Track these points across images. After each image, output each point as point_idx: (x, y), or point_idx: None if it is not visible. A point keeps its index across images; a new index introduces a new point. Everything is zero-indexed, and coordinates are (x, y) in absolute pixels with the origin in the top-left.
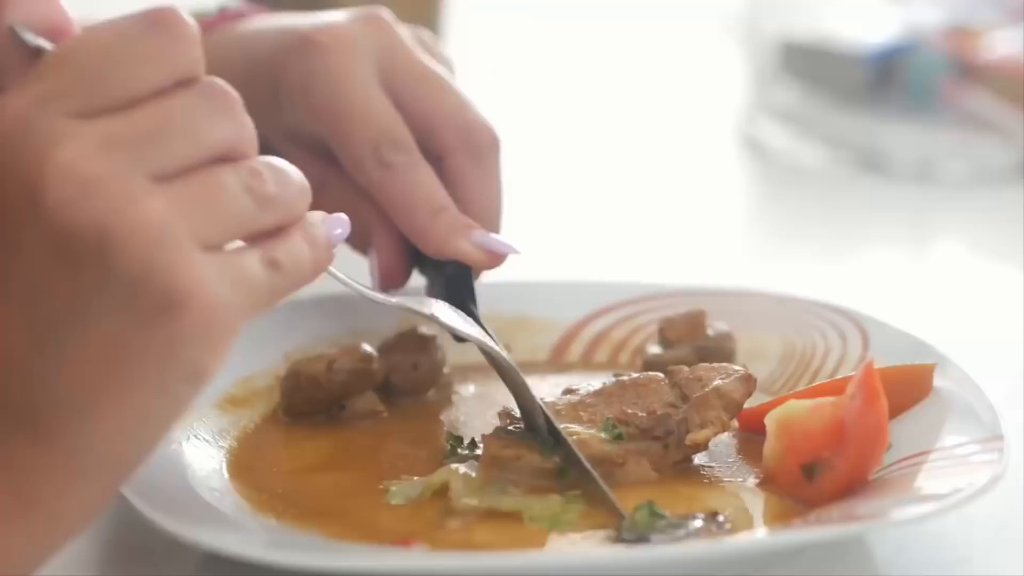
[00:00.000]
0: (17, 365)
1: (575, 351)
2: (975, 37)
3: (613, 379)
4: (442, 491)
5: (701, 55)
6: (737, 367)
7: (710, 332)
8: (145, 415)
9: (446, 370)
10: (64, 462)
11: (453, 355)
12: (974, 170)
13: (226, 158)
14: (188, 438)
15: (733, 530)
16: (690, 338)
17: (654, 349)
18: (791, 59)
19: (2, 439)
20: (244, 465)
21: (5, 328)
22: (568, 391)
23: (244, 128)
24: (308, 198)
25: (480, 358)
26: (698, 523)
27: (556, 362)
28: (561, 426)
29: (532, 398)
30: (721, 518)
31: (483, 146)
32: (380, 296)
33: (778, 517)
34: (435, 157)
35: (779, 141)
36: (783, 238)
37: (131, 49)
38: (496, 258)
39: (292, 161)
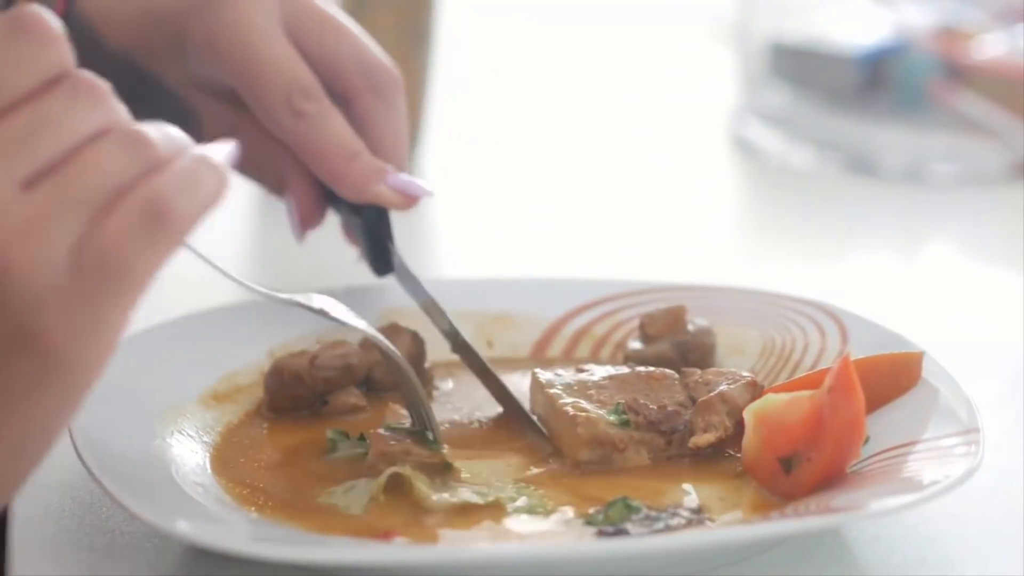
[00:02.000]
0: None
1: (556, 347)
2: (965, 39)
3: (627, 368)
4: (394, 487)
5: (691, 57)
6: (745, 373)
7: (690, 327)
8: (21, 447)
9: (427, 365)
10: None
11: (434, 351)
12: (964, 171)
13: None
14: (172, 433)
15: (710, 522)
16: (670, 333)
17: (635, 344)
18: (781, 61)
19: None
20: (228, 460)
21: None
22: (581, 369)
23: (116, 115)
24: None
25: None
26: (675, 515)
27: (538, 358)
28: (569, 400)
29: (417, 392)
30: (699, 510)
31: (387, 86)
32: (272, 294)
33: (756, 509)
34: (341, 100)
35: (769, 143)
36: (773, 240)
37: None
38: (412, 200)
39: (202, 109)
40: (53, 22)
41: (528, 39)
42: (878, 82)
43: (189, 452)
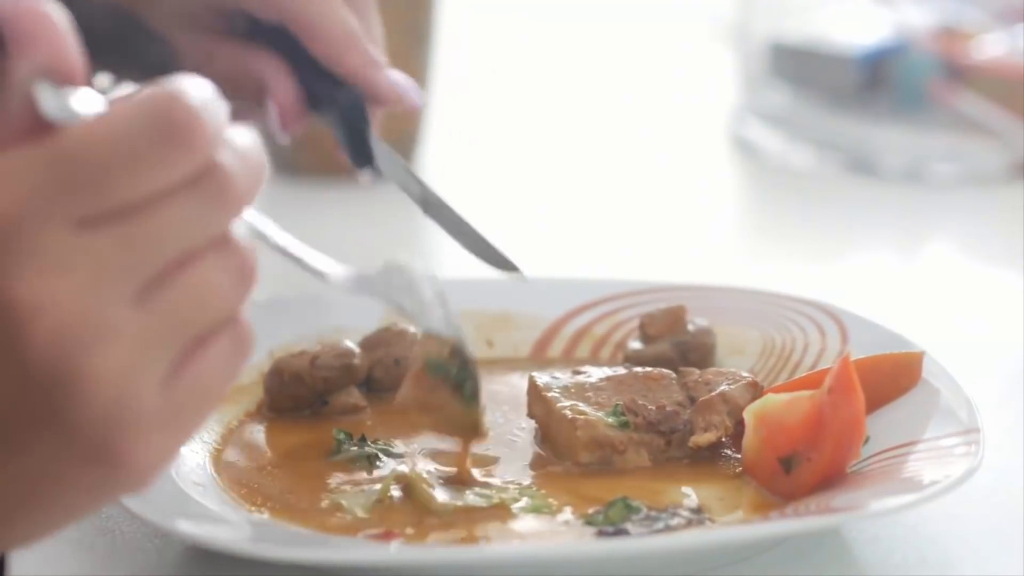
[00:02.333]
0: None
1: (557, 347)
2: (964, 39)
3: (624, 369)
4: (399, 488)
5: (691, 58)
6: (745, 374)
7: (690, 327)
8: (65, 520)
9: None
10: None
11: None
12: (964, 171)
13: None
14: None
15: (710, 522)
16: (670, 333)
17: (635, 344)
18: (781, 61)
19: None
20: (228, 460)
21: None
22: (577, 371)
23: (237, 213)
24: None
25: None
26: (675, 515)
27: (538, 358)
28: (568, 403)
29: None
30: (699, 510)
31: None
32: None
33: (756, 509)
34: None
35: (769, 143)
36: (774, 240)
37: (142, 151)
38: (402, 99)
39: (178, 45)
40: (208, 120)
41: (528, 39)
42: (878, 82)
43: (189, 452)
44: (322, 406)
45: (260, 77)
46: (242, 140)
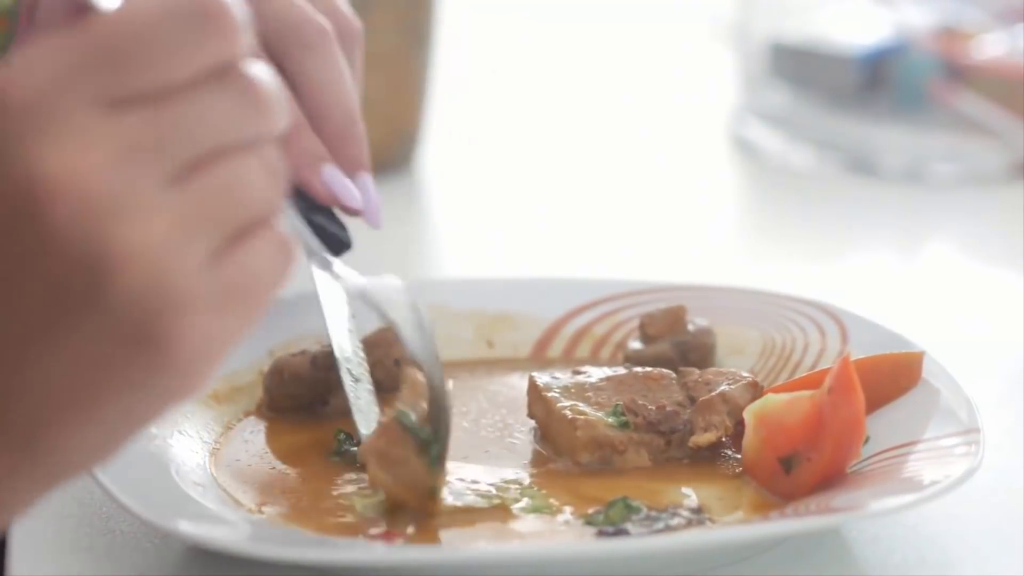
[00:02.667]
0: None
1: (557, 347)
2: (965, 39)
3: (624, 369)
4: None
5: (691, 57)
6: (745, 374)
7: (690, 327)
8: (114, 427)
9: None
10: (22, 460)
11: None
12: (964, 172)
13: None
14: (173, 434)
15: (710, 522)
16: (670, 333)
17: (635, 344)
18: (781, 61)
19: None
20: (228, 460)
21: None
22: (577, 372)
23: (274, 127)
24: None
25: (460, 355)
26: (675, 515)
27: (538, 358)
28: (568, 403)
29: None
30: (699, 510)
31: (315, 40)
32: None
33: (756, 509)
34: (274, 65)
35: (769, 143)
36: (774, 240)
37: (173, 35)
38: (338, 202)
39: None
40: (239, 12)
41: (528, 39)
42: (878, 82)
43: (189, 452)
44: (322, 406)
45: None
46: (262, 69)
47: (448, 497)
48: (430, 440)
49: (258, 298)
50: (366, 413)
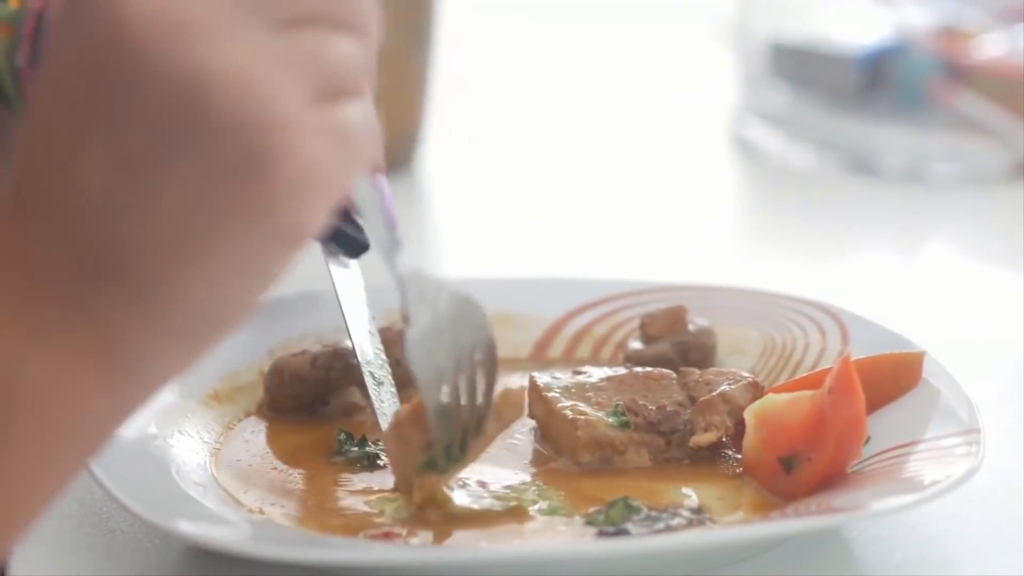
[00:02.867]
0: (97, 204)
1: (557, 347)
2: (965, 39)
3: (624, 369)
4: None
5: (691, 57)
6: (745, 374)
7: (690, 327)
8: (234, 272)
9: None
10: (147, 315)
11: None
12: (964, 172)
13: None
14: (173, 434)
15: (711, 522)
16: (670, 333)
17: (635, 344)
18: (781, 61)
19: (83, 284)
20: (228, 460)
21: (88, 164)
22: (577, 372)
23: (375, 21)
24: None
25: None
26: (676, 515)
27: (538, 358)
28: (568, 403)
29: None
30: (699, 510)
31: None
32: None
33: (757, 509)
34: None
35: (769, 143)
36: (774, 240)
37: None
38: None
39: None
40: None
41: (528, 39)
42: (878, 82)
43: (190, 452)
44: (322, 406)
45: None
46: None
47: (466, 500)
48: (439, 455)
49: (357, 151)
50: (389, 416)
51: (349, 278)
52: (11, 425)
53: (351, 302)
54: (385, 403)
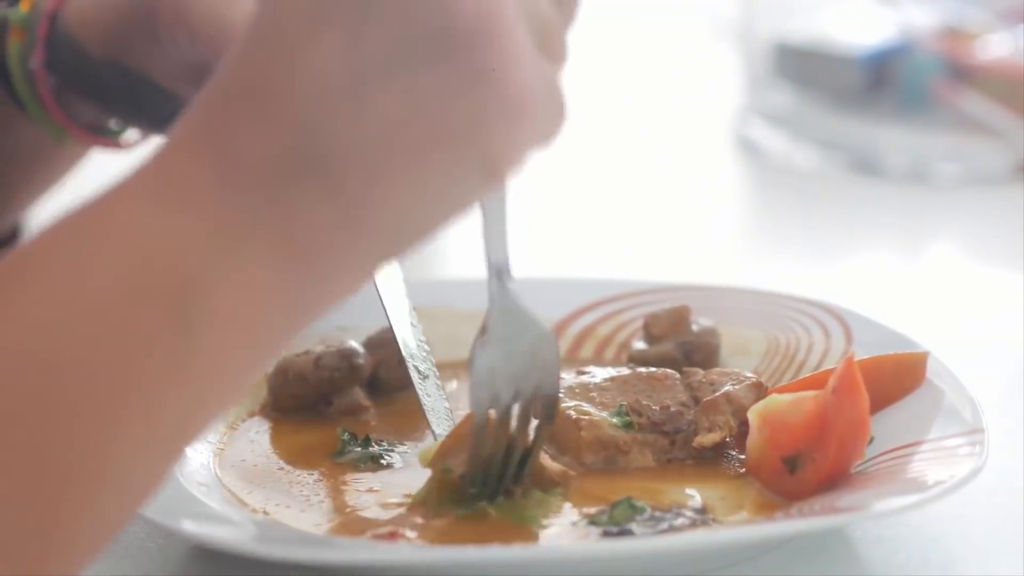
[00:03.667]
0: (320, 96)
1: (561, 347)
2: (968, 39)
3: (628, 369)
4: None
5: (695, 57)
6: (749, 374)
7: (694, 328)
8: (432, 191)
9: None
10: (346, 215)
11: (439, 351)
12: (967, 172)
13: None
14: None
15: (715, 522)
16: (674, 333)
17: (639, 345)
18: (784, 61)
19: (283, 177)
20: (232, 460)
21: (320, 55)
22: (581, 372)
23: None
24: None
25: (463, 355)
26: (679, 515)
27: None
28: (572, 403)
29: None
30: (703, 510)
31: None
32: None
33: (761, 510)
34: None
35: (773, 143)
36: (777, 240)
37: None
38: None
39: (190, 99)
40: None
41: None
42: (882, 82)
43: (193, 451)
44: (326, 406)
45: None
46: None
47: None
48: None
49: (559, 111)
50: (436, 411)
51: (389, 271)
52: (193, 320)
53: (392, 295)
54: (432, 397)
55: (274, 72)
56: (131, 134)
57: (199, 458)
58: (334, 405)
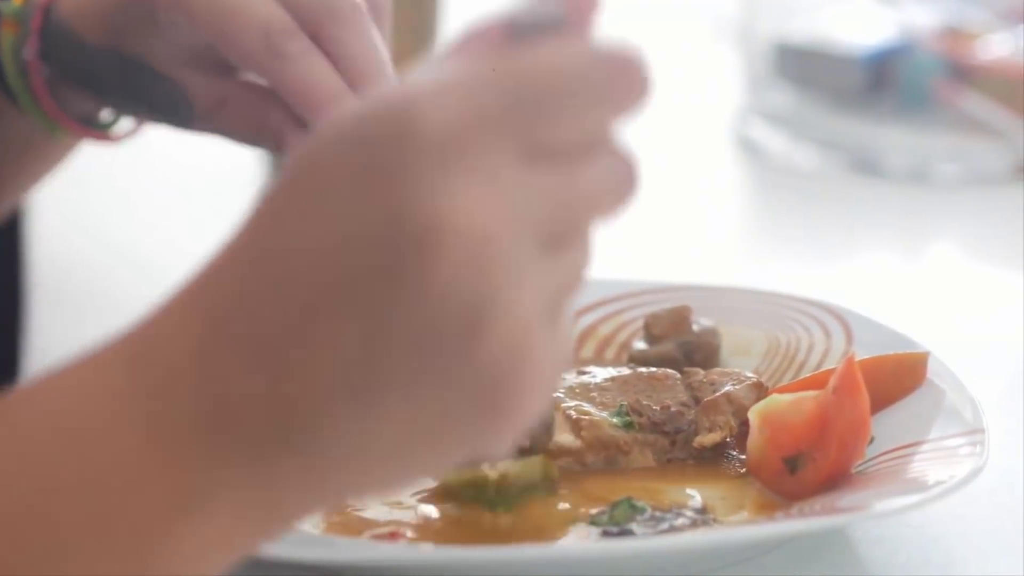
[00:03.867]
0: (319, 380)
1: None
2: (969, 39)
3: (628, 369)
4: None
5: (695, 57)
6: (749, 374)
7: (695, 328)
8: (415, 473)
9: None
10: (313, 487)
11: None
12: (968, 172)
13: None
14: None
15: (715, 522)
16: (675, 333)
17: (639, 345)
18: (785, 61)
19: (274, 455)
20: None
21: (326, 338)
22: (582, 372)
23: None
24: None
25: None
26: (680, 515)
27: None
28: (572, 403)
29: None
30: (703, 510)
31: (347, 12)
32: None
33: (761, 510)
34: (309, 37)
35: (773, 143)
36: (777, 240)
37: (597, 88)
38: None
39: (188, 85)
40: (650, 71)
41: None
42: (882, 82)
43: None
44: None
45: (276, 125)
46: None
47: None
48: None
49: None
50: None
51: None
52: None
53: None
54: None
55: (274, 337)
56: (122, 126)
57: None
58: None
